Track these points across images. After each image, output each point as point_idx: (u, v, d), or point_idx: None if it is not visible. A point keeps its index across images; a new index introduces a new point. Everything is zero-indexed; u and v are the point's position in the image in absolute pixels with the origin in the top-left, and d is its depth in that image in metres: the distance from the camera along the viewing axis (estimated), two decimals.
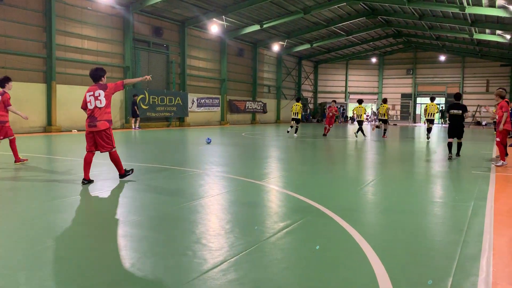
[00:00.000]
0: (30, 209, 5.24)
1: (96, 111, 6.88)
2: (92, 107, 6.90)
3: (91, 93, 6.97)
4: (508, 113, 9.95)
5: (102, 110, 6.90)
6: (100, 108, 6.89)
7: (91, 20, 22.46)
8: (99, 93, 6.93)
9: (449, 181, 7.94)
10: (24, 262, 3.47)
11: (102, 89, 6.97)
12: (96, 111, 6.88)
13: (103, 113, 6.90)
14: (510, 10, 22.13)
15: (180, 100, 27.88)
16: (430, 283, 3.11)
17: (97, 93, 6.94)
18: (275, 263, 3.51)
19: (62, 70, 21.10)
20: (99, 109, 6.89)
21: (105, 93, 6.94)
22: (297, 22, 31.39)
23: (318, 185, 7.24)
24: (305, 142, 16.98)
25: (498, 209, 5.49)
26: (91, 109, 6.91)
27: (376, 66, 46.53)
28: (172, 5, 24.92)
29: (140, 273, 3.24)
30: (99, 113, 6.88)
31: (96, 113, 6.87)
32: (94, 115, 6.87)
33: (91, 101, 6.91)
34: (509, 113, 9.99)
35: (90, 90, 7.03)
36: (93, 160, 7.00)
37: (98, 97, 6.90)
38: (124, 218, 4.81)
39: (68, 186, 6.73)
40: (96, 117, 6.85)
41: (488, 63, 41.54)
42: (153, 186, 6.93)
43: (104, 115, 6.90)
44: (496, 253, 3.79)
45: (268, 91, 39.54)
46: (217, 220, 4.84)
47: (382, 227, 4.78)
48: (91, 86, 7.12)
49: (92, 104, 6.90)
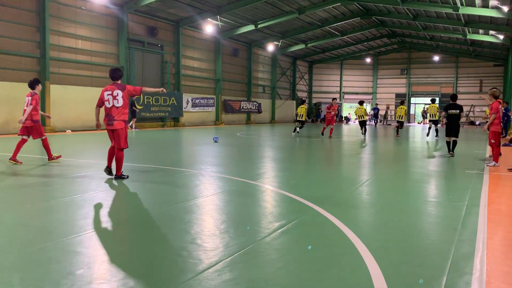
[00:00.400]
0: (24, 210, 5.21)
1: (114, 110, 7.10)
2: (110, 106, 7.12)
3: (109, 92, 7.16)
4: (498, 114, 9.97)
5: (120, 109, 7.12)
6: (117, 108, 7.11)
7: (85, 20, 22.36)
8: (117, 93, 7.13)
9: (443, 181, 7.98)
10: (18, 263, 3.45)
11: (121, 89, 7.17)
12: (114, 110, 7.10)
13: (120, 113, 7.13)
14: (503, 10, 22.28)
15: (174, 100, 27.82)
16: (421, 282, 3.12)
17: (115, 92, 7.13)
18: (270, 263, 3.52)
19: (56, 70, 20.98)
20: (117, 109, 7.10)
21: (123, 94, 7.14)
22: (292, 22, 31.42)
23: (313, 185, 7.25)
24: (301, 142, 17.00)
25: (492, 208, 5.52)
26: (109, 107, 7.12)
27: (370, 66, 46.68)
28: (166, 5, 24.86)
29: (134, 273, 3.23)
30: (116, 113, 7.10)
31: (113, 112, 7.10)
32: (112, 114, 7.10)
33: (109, 100, 7.13)
34: (499, 114, 10.01)
35: (108, 89, 7.22)
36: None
37: (116, 97, 7.11)
38: (118, 219, 4.79)
39: (63, 187, 6.70)
40: (113, 116, 7.09)
41: (482, 63, 41.79)
42: (148, 186, 6.91)
43: (121, 115, 7.14)
44: (490, 252, 3.81)
45: (263, 91, 39.56)
46: (212, 220, 4.84)
47: (376, 226, 4.79)
48: (109, 85, 7.32)
49: (110, 103, 7.12)
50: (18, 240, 4.04)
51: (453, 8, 24.25)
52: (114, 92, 7.14)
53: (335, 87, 47.90)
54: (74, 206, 5.37)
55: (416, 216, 5.19)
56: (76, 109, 21.80)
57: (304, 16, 29.83)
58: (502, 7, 22.08)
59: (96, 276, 3.19)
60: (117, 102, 7.11)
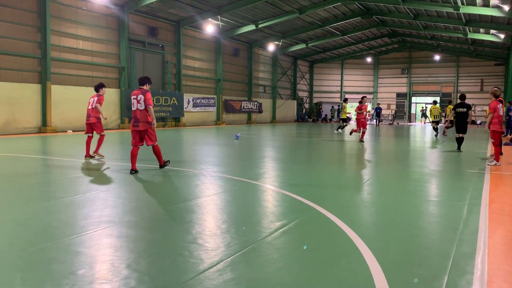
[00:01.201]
0: (25, 210, 5.22)
1: (138, 113, 7.88)
2: (135, 109, 7.90)
3: (135, 97, 7.95)
4: (496, 114, 9.97)
5: (143, 112, 7.87)
6: (141, 111, 7.86)
7: (86, 20, 22.38)
8: (140, 97, 7.88)
9: (444, 180, 7.97)
10: (19, 263, 3.45)
11: (143, 94, 7.90)
12: (138, 113, 7.88)
13: (143, 115, 7.87)
14: (504, 9, 22.25)
15: (175, 100, 27.82)
16: (416, 281, 3.12)
17: (139, 97, 7.89)
18: (271, 263, 3.52)
19: (57, 70, 21.00)
20: (140, 111, 7.87)
21: (144, 98, 7.87)
22: (292, 22, 31.42)
23: (314, 185, 7.25)
24: (302, 142, 17.00)
25: (493, 208, 5.52)
26: (134, 110, 7.93)
27: (371, 65, 46.65)
28: (167, 5, 24.87)
29: (136, 273, 3.24)
30: (140, 115, 7.87)
31: (138, 115, 7.88)
32: (137, 116, 7.89)
33: (134, 103, 7.92)
34: (497, 113, 10.00)
35: (134, 94, 8.00)
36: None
37: (139, 101, 7.87)
38: (119, 219, 4.79)
39: (64, 187, 6.71)
40: (138, 118, 7.88)
41: (483, 63, 41.75)
42: (148, 186, 6.92)
43: (144, 117, 7.88)
44: (491, 251, 3.81)
45: (264, 91, 39.55)
46: (213, 220, 4.84)
47: (377, 226, 4.79)
48: (136, 89, 8.09)
49: (134, 106, 7.90)
50: (19, 240, 4.05)
51: (454, 7, 24.23)
52: (138, 97, 7.88)
53: (336, 86, 47.88)
54: (75, 206, 5.37)
55: (417, 215, 5.18)
56: (77, 110, 21.80)
57: (304, 16, 29.82)
58: (503, 6, 22.05)
59: (98, 276, 3.19)
60: (140, 106, 7.85)
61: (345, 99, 22.36)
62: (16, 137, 17.12)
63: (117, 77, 24.33)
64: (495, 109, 9.95)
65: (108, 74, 23.79)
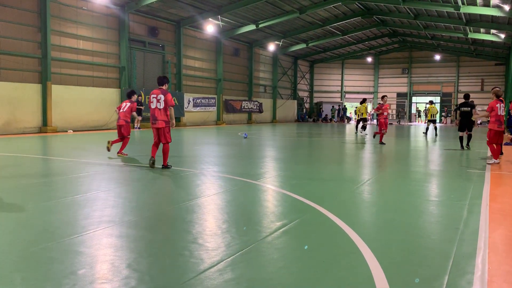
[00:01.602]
0: (25, 210, 5.22)
1: (157, 112, 8.26)
2: (154, 108, 8.27)
3: (155, 96, 8.30)
4: (495, 113, 10.02)
5: (162, 111, 8.26)
6: (160, 110, 8.26)
7: (86, 20, 22.38)
8: (160, 97, 8.26)
9: (444, 180, 7.97)
10: (20, 262, 3.45)
11: (163, 94, 8.27)
12: (157, 112, 8.26)
13: (162, 114, 8.26)
14: (505, 9, 22.24)
15: (176, 100, 27.81)
16: (417, 281, 3.12)
17: (159, 96, 8.26)
18: (271, 263, 3.52)
19: (57, 70, 21.00)
20: (159, 110, 8.26)
21: (164, 98, 8.25)
22: (293, 21, 31.40)
23: (314, 185, 7.25)
24: (302, 142, 17.00)
25: (493, 208, 5.52)
26: (153, 109, 8.30)
27: (371, 65, 46.62)
28: (167, 5, 24.86)
29: (136, 273, 3.24)
30: (159, 114, 8.26)
31: (156, 113, 8.26)
32: (155, 114, 8.27)
33: (153, 102, 8.26)
34: (495, 112, 10.04)
35: (154, 93, 8.36)
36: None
37: (159, 100, 8.25)
38: (120, 219, 4.80)
39: (64, 187, 6.71)
40: (156, 116, 8.26)
41: (483, 62, 41.72)
42: (149, 186, 6.92)
43: (162, 116, 8.27)
44: (492, 251, 3.81)
45: (264, 90, 39.54)
46: (213, 220, 4.84)
47: (378, 226, 4.79)
48: (155, 89, 8.42)
49: (154, 104, 8.26)
50: (20, 240, 4.05)
51: (454, 7, 24.21)
52: (158, 96, 8.25)
53: (336, 86, 47.87)
54: (75, 206, 5.38)
55: (417, 215, 5.18)
56: (78, 109, 21.83)
57: (305, 16, 29.80)
58: (504, 6, 22.04)
59: (98, 276, 3.20)
60: (160, 105, 8.24)
61: (363, 100, 22.51)
62: (16, 137, 17.13)
63: (118, 77, 24.32)
64: (492, 108, 10.03)
65: (108, 74, 23.79)
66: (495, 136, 10.09)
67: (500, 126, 10.10)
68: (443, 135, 22.28)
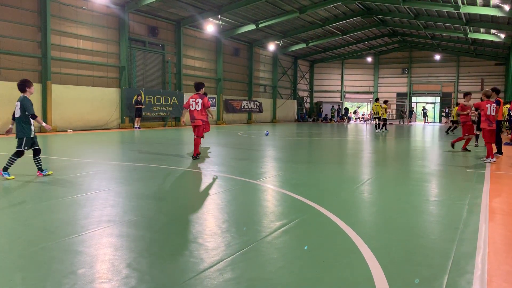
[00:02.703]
0: (25, 210, 5.22)
1: (195, 112, 9.91)
2: (193, 109, 9.91)
3: (194, 99, 9.98)
4: (485, 111, 10.33)
5: (199, 112, 9.92)
6: (198, 111, 9.91)
7: (86, 19, 22.38)
8: (198, 101, 9.92)
9: (444, 180, 7.97)
10: (19, 262, 3.45)
11: (201, 98, 9.95)
12: (195, 112, 9.91)
13: (199, 114, 9.93)
14: (505, 9, 22.24)
15: (176, 100, 27.83)
16: (417, 282, 3.12)
17: (197, 100, 9.93)
18: (271, 262, 3.52)
19: (57, 70, 21.01)
20: (197, 111, 9.91)
21: (202, 102, 9.91)
22: (293, 21, 31.41)
23: (314, 184, 7.25)
24: (302, 142, 17.00)
25: (493, 207, 5.52)
26: (192, 110, 9.93)
27: (371, 65, 46.64)
28: (167, 5, 24.87)
29: (136, 273, 3.24)
30: (197, 114, 9.92)
31: (195, 114, 9.92)
32: (194, 115, 9.93)
33: (193, 105, 9.94)
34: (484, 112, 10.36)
35: (193, 97, 10.02)
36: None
37: (197, 103, 9.92)
38: (120, 218, 4.80)
39: (64, 187, 6.71)
40: (194, 116, 9.93)
41: (483, 62, 41.73)
42: (149, 185, 6.92)
43: (199, 116, 9.93)
44: (491, 251, 3.81)
45: (264, 90, 39.55)
46: (213, 220, 4.84)
47: (378, 225, 4.79)
48: (194, 94, 10.07)
49: (193, 107, 9.92)
50: (19, 240, 4.05)
51: (454, 7, 24.22)
52: (196, 100, 9.93)
53: (336, 86, 47.89)
54: (75, 206, 5.38)
55: (417, 215, 5.18)
56: (78, 109, 21.84)
57: (305, 16, 29.81)
58: (503, 5, 22.04)
59: (98, 276, 3.20)
60: (198, 107, 9.90)
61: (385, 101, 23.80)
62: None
63: (118, 77, 24.33)
64: (483, 108, 10.40)
65: (108, 73, 23.79)
66: (489, 135, 10.35)
67: (490, 125, 10.36)
68: (443, 135, 22.28)
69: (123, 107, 24.33)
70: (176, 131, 22.96)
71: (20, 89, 7.57)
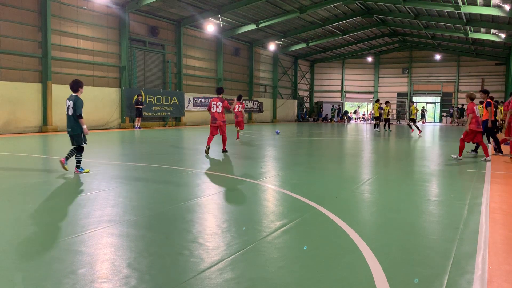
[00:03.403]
0: (26, 209, 5.22)
1: (217, 114, 11.26)
2: (214, 111, 11.25)
3: (215, 103, 11.25)
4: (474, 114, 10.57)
5: (220, 114, 11.25)
6: (219, 113, 11.25)
7: (86, 19, 22.38)
8: (219, 104, 11.24)
9: (444, 180, 7.96)
10: (20, 262, 3.45)
11: (221, 102, 11.26)
12: (217, 114, 11.26)
13: (220, 116, 11.28)
14: (505, 9, 22.22)
15: (176, 100, 27.82)
16: (416, 282, 3.12)
17: (218, 103, 11.24)
18: (271, 262, 3.52)
19: (57, 70, 21.01)
20: (218, 113, 11.25)
21: (222, 105, 11.24)
22: (293, 21, 31.40)
23: (314, 184, 7.25)
24: (303, 141, 17.00)
25: (493, 207, 5.52)
26: (213, 112, 11.24)
27: (372, 65, 46.61)
28: (168, 5, 24.87)
29: (136, 272, 3.24)
30: (218, 116, 11.26)
31: (216, 116, 11.26)
32: (215, 116, 11.26)
33: (213, 107, 11.22)
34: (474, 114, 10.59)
35: (214, 100, 11.30)
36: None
37: (218, 106, 11.24)
38: (120, 218, 4.80)
39: (64, 186, 6.71)
40: (216, 118, 11.26)
41: (483, 62, 41.69)
42: (149, 185, 6.92)
43: (221, 117, 11.29)
44: (492, 251, 3.81)
45: (264, 90, 39.54)
46: (213, 220, 4.84)
47: (378, 225, 4.79)
48: (215, 97, 11.33)
49: (214, 109, 11.24)
50: (20, 239, 4.05)
51: (455, 6, 24.20)
52: (217, 103, 11.21)
53: (337, 86, 47.88)
54: (76, 205, 5.38)
55: (417, 215, 5.18)
56: None
57: (305, 15, 29.80)
58: (504, 5, 22.02)
59: (98, 275, 3.20)
60: (219, 109, 11.22)
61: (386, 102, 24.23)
62: (17, 137, 17.13)
63: (118, 77, 24.32)
64: (472, 110, 10.61)
65: (108, 73, 23.79)
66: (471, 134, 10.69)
67: (478, 126, 10.65)
68: (445, 135, 22.26)
69: (123, 107, 24.33)
70: (177, 131, 22.96)
71: (73, 89, 8.00)
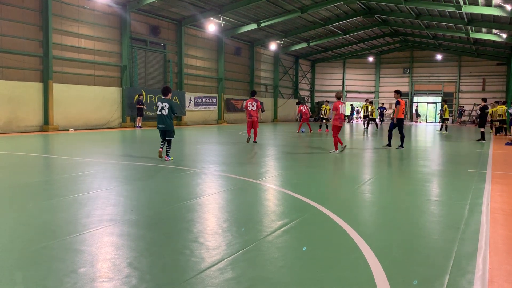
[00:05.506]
0: (27, 208, 5.23)
1: (252, 112, 14.37)
2: (250, 109, 14.34)
3: (251, 102, 14.44)
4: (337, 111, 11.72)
5: (255, 111, 14.37)
6: (254, 111, 14.35)
7: (88, 18, 22.39)
8: (253, 104, 14.38)
9: (445, 180, 7.96)
10: (21, 261, 3.46)
11: (256, 102, 14.45)
12: (252, 112, 14.37)
13: (255, 112, 14.38)
14: (507, 9, 22.19)
15: (177, 99, 27.80)
16: (415, 283, 3.11)
17: (253, 103, 14.39)
18: (272, 262, 3.52)
19: (59, 69, 21.02)
20: (253, 111, 14.35)
21: (256, 104, 14.39)
22: (294, 21, 31.38)
23: (315, 184, 7.25)
24: (303, 141, 16.99)
25: (494, 207, 5.51)
26: (249, 110, 14.36)
27: (373, 65, 46.58)
28: (169, 4, 24.87)
29: (137, 272, 3.24)
30: (254, 113, 14.38)
31: (252, 113, 14.38)
32: (251, 113, 14.39)
33: (249, 106, 14.39)
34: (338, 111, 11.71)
35: (250, 101, 14.52)
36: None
37: (253, 105, 14.40)
38: (121, 217, 4.80)
39: (65, 186, 6.72)
40: (252, 114, 14.40)
41: (485, 62, 41.64)
42: (150, 185, 6.92)
43: (255, 113, 14.38)
44: (492, 251, 3.81)
45: (265, 90, 39.54)
46: (214, 219, 4.84)
47: (379, 225, 4.79)
48: (250, 98, 14.72)
49: (249, 107, 14.36)
50: (21, 239, 4.06)
51: (456, 6, 24.17)
52: (253, 103, 14.39)
53: (338, 86, 47.84)
54: (76, 205, 5.38)
55: (418, 215, 5.18)
56: (79, 108, 21.85)
57: (306, 15, 29.79)
58: (505, 5, 21.99)
59: (99, 274, 3.20)
60: (253, 108, 14.34)
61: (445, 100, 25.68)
62: (18, 136, 17.15)
63: (119, 76, 24.33)
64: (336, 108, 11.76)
65: (110, 72, 23.80)
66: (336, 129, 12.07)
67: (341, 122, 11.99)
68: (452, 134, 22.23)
69: (124, 106, 24.33)
70: (177, 131, 22.90)
71: (164, 93, 9.97)
